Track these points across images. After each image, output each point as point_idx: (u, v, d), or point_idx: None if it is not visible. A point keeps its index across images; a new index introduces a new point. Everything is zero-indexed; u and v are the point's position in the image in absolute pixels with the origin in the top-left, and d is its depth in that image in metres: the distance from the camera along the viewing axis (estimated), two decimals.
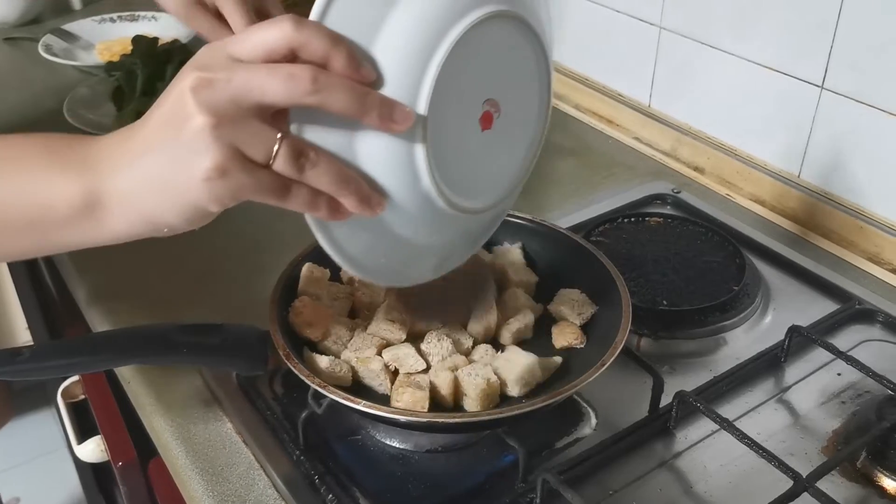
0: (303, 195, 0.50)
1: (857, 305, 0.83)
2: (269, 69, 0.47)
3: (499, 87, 0.56)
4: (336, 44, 0.48)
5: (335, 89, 0.48)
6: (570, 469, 0.64)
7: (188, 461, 0.68)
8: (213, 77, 0.47)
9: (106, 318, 0.84)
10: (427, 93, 0.50)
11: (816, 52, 0.93)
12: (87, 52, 1.43)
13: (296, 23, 0.47)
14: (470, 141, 0.55)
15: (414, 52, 0.50)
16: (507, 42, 0.55)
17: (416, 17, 0.50)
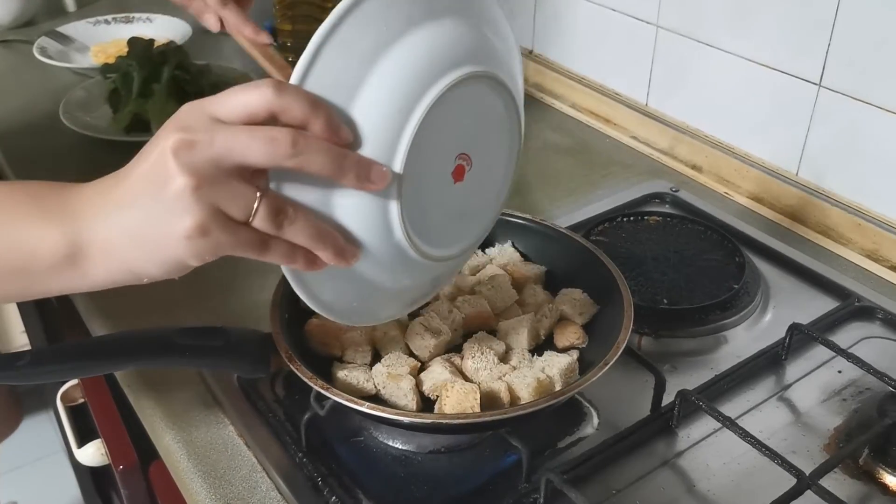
0: (281, 249, 0.52)
1: (856, 303, 0.83)
2: (250, 132, 0.48)
3: (471, 141, 0.58)
4: (315, 108, 0.49)
5: (314, 152, 0.49)
6: (573, 469, 0.64)
7: (190, 465, 0.68)
8: (194, 139, 0.48)
9: (105, 321, 0.84)
10: (403, 152, 0.52)
11: (814, 49, 0.93)
12: (83, 55, 1.43)
13: (276, 87, 0.49)
14: (442, 193, 0.57)
15: (391, 114, 0.51)
16: (480, 98, 0.57)
17: (393, 80, 0.51)
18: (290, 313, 0.69)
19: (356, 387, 0.64)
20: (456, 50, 0.54)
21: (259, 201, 0.50)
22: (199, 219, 0.48)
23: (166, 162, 0.48)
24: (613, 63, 1.22)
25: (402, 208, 0.53)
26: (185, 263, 0.51)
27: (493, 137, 0.60)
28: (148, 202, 0.49)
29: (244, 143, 0.48)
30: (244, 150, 0.48)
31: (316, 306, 0.58)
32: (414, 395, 0.64)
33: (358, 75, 0.51)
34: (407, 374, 0.65)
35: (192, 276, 0.88)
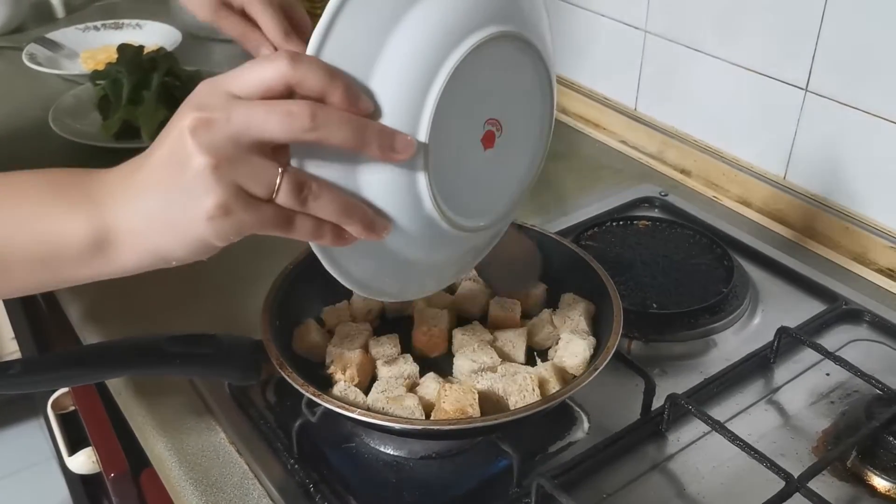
0: (307, 225, 0.51)
1: (844, 306, 0.84)
2: (268, 107, 0.47)
3: (500, 106, 0.56)
4: (333, 79, 0.48)
5: (334, 124, 0.48)
6: (563, 473, 0.65)
7: (182, 472, 0.68)
8: (211, 117, 0.47)
9: (95, 327, 0.84)
10: (427, 120, 0.50)
11: (800, 55, 0.94)
12: (72, 61, 1.43)
13: (292, 59, 0.48)
14: (472, 161, 0.56)
15: (412, 81, 0.50)
16: (507, 60, 0.55)
17: (412, 45, 0.49)
18: (280, 320, 0.69)
19: (352, 400, 0.64)
20: (477, 10, 0.51)
21: (281, 177, 0.48)
22: (221, 198, 0.47)
23: (184, 142, 0.47)
24: (603, 68, 1.22)
25: (431, 177, 0.51)
26: (210, 244, 0.50)
27: (524, 101, 0.58)
28: (169, 185, 0.48)
29: (261, 119, 0.47)
30: (262, 126, 0.47)
31: (349, 283, 0.57)
32: (421, 410, 0.63)
33: (376, 43, 0.49)
34: (406, 393, 0.65)
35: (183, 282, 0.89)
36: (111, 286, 0.88)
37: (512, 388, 0.64)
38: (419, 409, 0.63)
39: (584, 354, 0.67)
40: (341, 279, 0.56)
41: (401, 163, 0.50)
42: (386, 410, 0.63)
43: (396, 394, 0.64)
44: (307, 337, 0.70)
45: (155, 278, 0.88)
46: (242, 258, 0.92)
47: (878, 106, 0.88)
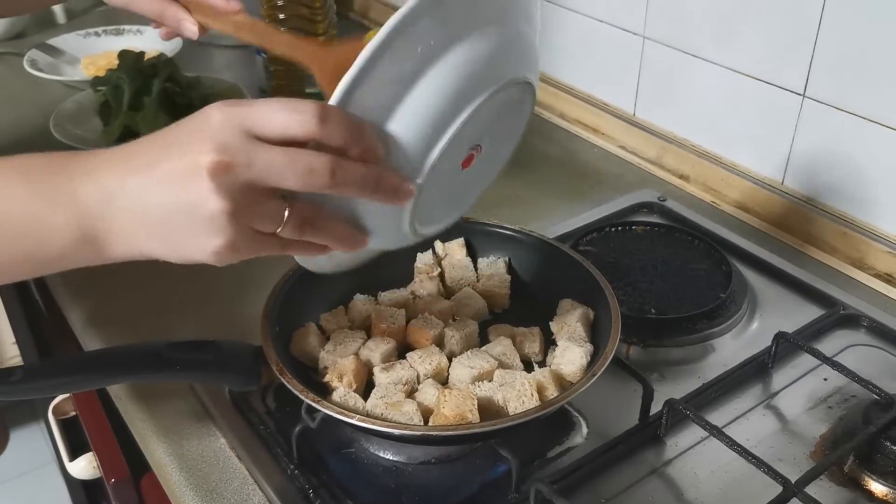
0: (300, 248, 0.54)
1: (841, 311, 0.84)
2: (290, 160, 0.48)
3: (486, 132, 0.58)
4: (356, 137, 0.49)
5: (350, 181, 0.50)
6: (562, 478, 0.65)
7: (182, 478, 0.68)
8: (232, 162, 0.47)
9: (97, 333, 0.84)
10: (430, 166, 0.53)
11: (798, 60, 0.94)
12: (73, 67, 1.43)
13: (321, 116, 0.48)
14: (450, 181, 0.59)
15: (424, 132, 0.52)
16: (508, 98, 0.57)
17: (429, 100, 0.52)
18: (280, 326, 0.69)
19: (351, 406, 0.64)
20: (491, 63, 0.54)
21: (288, 215, 0.50)
22: (231, 238, 0.49)
23: (200, 181, 0.47)
24: (601, 73, 1.23)
25: (415, 207, 0.56)
26: (205, 263, 0.52)
27: (506, 123, 0.61)
28: (174, 211, 0.49)
29: (281, 170, 0.48)
30: (280, 177, 0.48)
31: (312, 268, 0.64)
32: (419, 415, 0.64)
33: (398, 94, 0.51)
34: (405, 399, 0.65)
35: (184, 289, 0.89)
36: (113, 293, 0.89)
37: (510, 393, 0.64)
38: (418, 414, 0.64)
39: (581, 362, 0.67)
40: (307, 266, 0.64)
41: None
42: (385, 416, 0.63)
43: (395, 399, 0.65)
44: (305, 340, 0.71)
45: (156, 285, 0.90)
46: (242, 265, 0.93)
47: (875, 111, 0.89)
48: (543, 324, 0.75)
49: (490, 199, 1.06)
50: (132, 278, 0.90)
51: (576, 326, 0.71)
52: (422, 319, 0.73)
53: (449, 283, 0.80)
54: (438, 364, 0.69)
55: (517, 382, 0.65)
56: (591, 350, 0.69)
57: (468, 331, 0.73)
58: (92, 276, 0.90)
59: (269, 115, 0.49)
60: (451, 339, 0.72)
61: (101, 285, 0.90)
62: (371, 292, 0.78)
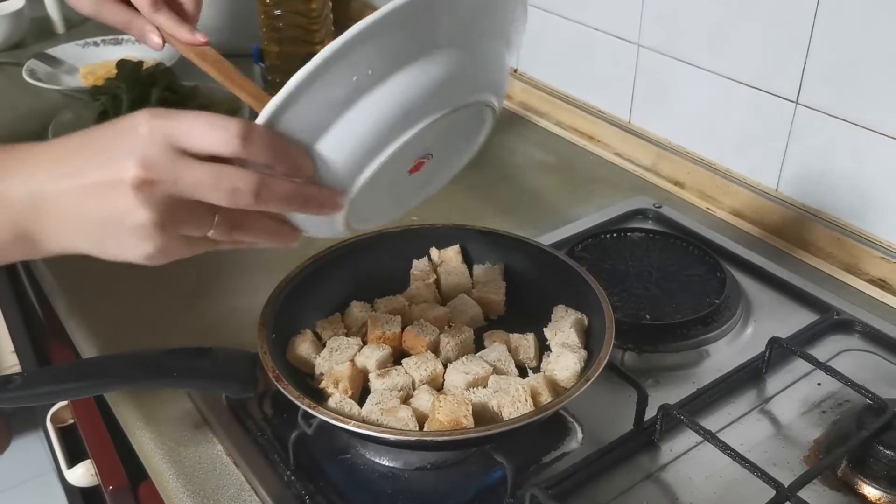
0: (230, 244, 0.55)
1: (835, 316, 0.84)
2: (215, 179, 0.49)
3: (438, 144, 0.58)
4: (279, 157, 0.50)
5: (275, 199, 0.51)
6: (557, 484, 0.65)
7: (179, 484, 0.69)
8: (155, 179, 0.48)
9: (94, 341, 0.84)
10: (363, 182, 0.53)
11: (790, 68, 0.95)
12: (72, 77, 1.44)
13: (244, 136, 0.49)
14: (394, 184, 0.59)
15: (358, 153, 0.52)
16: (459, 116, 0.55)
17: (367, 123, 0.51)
18: (276, 333, 0.70)
19: (347, 412, 0.65)
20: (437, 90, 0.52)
21: (216, 220, 0.51)
22: (160, 245, 0.50)
23: (125, 194, 0.48)
24: (596, 81, 1.24)
25: (349, 213, 0.56)
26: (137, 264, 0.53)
27: (463, 133, 0.60)
28: (104, 220, 0.50)
29: (207, 188, 0.49)
30: (206, 194, 0.49)
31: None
32: (415, 421, 0.64)
33: (329, 118, 0.51)
34: (401, 405, 0.66)
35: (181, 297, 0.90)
36: (110, 302, 0.90)
37: (505, 399, 0.65)
38: (413, 420, 0.64)
39: (575, 368, 0.68)
40: None
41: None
42: (381, 422, 0.64)
43: (391, 405, 0.65)
44: (301, 347, 0.71)
45: (153, 293, 0.90)
46: (238, 272, 0.93)
47: (868, 118, 0.89)
48: (538, 330, 0.75)
49: (485, 206, 1.08)
50: (130, 287, 0.91)
51: (569, 332, 0.72)
52: (417, 326, 0.74)
53: (444, 289, 0.80)
54: (434, 370, 0.70)
55: (512, 388, 0.65)
56: (584, 356, 0.69)
57: (463, 337, 0.73)
58: (90, 286, 0.92)
59: (195, 130, 0.49)
60: (447, 346, 0.72)
61: (100, 294, 0.91)
62: (367, 299, 0.78)
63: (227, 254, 0.92)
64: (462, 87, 0.54)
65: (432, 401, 0.65)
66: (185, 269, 0.92)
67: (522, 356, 0.73)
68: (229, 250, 0.56)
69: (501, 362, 0.71)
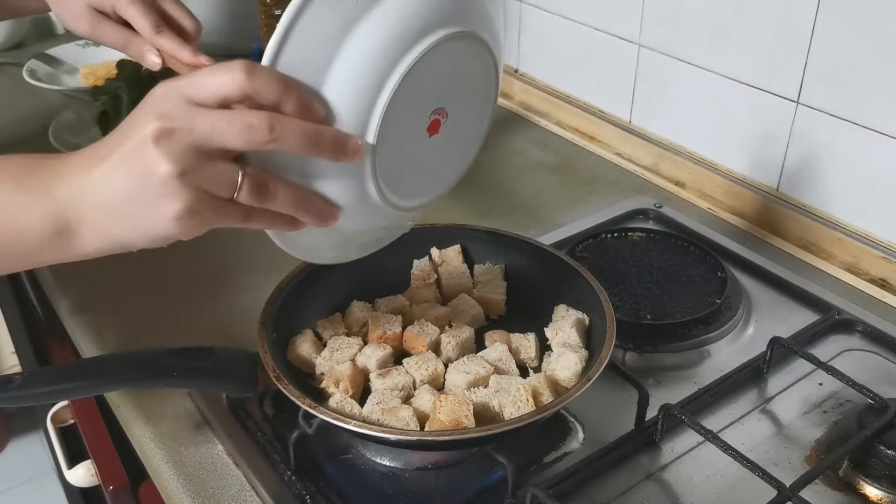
0: (265, 218, 0.55)
1: (836, 316, 0.84)
2: (228, 119, 0.50)
3: (448, 96, 0.58)
4: (287, 90, 0.51)
5: (290, 135, 0.51)
6: (558, 483, 0.65)
7: (179, 484, 0.69)
8: (173, 126, 0.49)
9: (95, 341, 0.84)
10: (377, 123, 0.53)
11: (791, 68, 0.95)
12: (72, 77, 1.43)
13: (248, 71, 0.50)
14: (416, 148, 0.58)
15: (363, 87, 0.52)
16: (456, 55, 0.57)
17: (363, 53, 0.52)
18: (277, 333, 0.69)
19: (347, 412, 0.65)
20: (428, 12, 0.53)
21: (242, 178, 0.51)
22: (188, 202, 0.50)
23: (147, 150, 0.49)
24: (597, 81, 1.24)
25: (377, 170, 0.55)
26: (173, 238, 0.53)
27: (470, 88, 0.61)
28: (131, 186, 0.50)
29: (222, 130, 0.50)
30: (223, 137, 0.50)
31: (295, 253, 0.61)
32: (416, 421, 0.64)
33: (328, 51, 0.52)
34: (402, 405, 0.65)
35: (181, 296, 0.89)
36: (111, 301, 0.89)
37: (506, 399, 0.65)
38: (414, 420, 0.64)
39: (576, 368, 0.68)
40: (288, 250, 0.60)
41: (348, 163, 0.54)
42: (381, 422, 0.64)
43: (391, 405, 0.65)
44: (302, 347, 0.71)
45: (154, 293, 0.90)
46: (239, 271, 0.93)
47: (868, 118, 0.89)
48: (539, 329, 0.75)
49: (486, 205, 1.08)
50: (131, 287, 0.91)
51: (570, 332, 0.71)
52: (418, 326, 0.74)
53: (445, 289, 0.80)
54: (434, 370, 0.69)
55: (512, 388, 0.65)
56: (585, 356, 0.69)
57: (464, 337, 0.73)
58: (90, 285, 0.91)
59: (204, 80, 0.51)
60: (448, 346, 0.72)
61: (100, 294, 0.91)
62: (368, 299, 0.78)
63: (227, 253, 0.93)
64: (453, 14, 0.55)
65: (433, 401, 0.65)
66: (185, 268, 0.93)
67: (523, 356, 0.73)
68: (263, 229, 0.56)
69: (502, 362, 0.71)
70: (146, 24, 0.82)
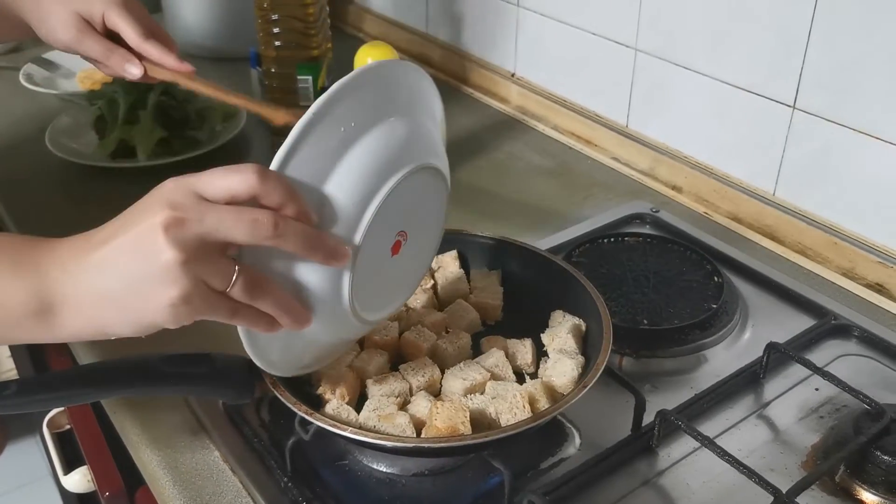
0: (249, 315, 0.57)
1: (832, 321, 0.84)
2: (237, 215, 0.53)
3: (409, 219, 0.64)
4: (291, 196, 0.54)
5: (291, 235, 0.54)
6: (555, 490, 0.65)
7: (176, 491, 0.68)
8: (184, 217, 0.52)
9: (91, 347, 0.84)
10: (362, 233, 0.58)
11: (788, 72, 0.95)
12: (69, 81, 1.43)
13: (260, 176, 0.53)
14: (381, 265, 0.63)
15: (354, 201, 0.58)
16: (420, 183, 0.63)
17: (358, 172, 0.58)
18: None
19: (344, 419, 0.65)
20: (405, 147, 0.61)
21: (237, 274, 0.54)
22: (186, 289, 0.52)
23: (155, 236, 0.51)
24: (594, 85, 1.24)
25: (353, 280, 0.59)
26: (160, 327, 0.55)
27: (426, 212, 0.67)
28: (132, 271, 0.52)
29: (230, 224, 0.52)
30: (230, 230, 0.52)
31: (263, 364, 0.62)
32: (412, 427, 0.64)
33: (326, 167, 0.57)
34: (398, 411, 0.65)
35: None
36: None
37: (502, 405, 0.65)
38: (410, 426, 0.64)
39: (572, 374, 0.68)
40: (257, 360, 0.62)
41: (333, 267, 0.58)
42: (378, 428, 0.64)
43: (388, 412, 0.65)
44: None
45: None
46: None
47: (865, 123, 0.90)
48: (535, 335, 0.75)
49: (483, 210, 1.08)
50: None
51: (567, 338, 0.71)
52: (415, 332, 0.73)
53: (442, 294, 0.80)
54: (431, 376, 0.69)
55: (509, 394, 0.65)
56: (582, 362, 0.69)
57: (461, 343, 0.73)
58: None
59: (215, 179, 0.54)
60: (444, 352, 0.72)
61: None
62: None
63: None
64: (420, 149, 0.62)
65: (430, 407, 0.65)
66: None
67: (520, 362, 0.73)
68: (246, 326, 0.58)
69: (499, 368, 0.71)
70: (135, 32, 0.85)
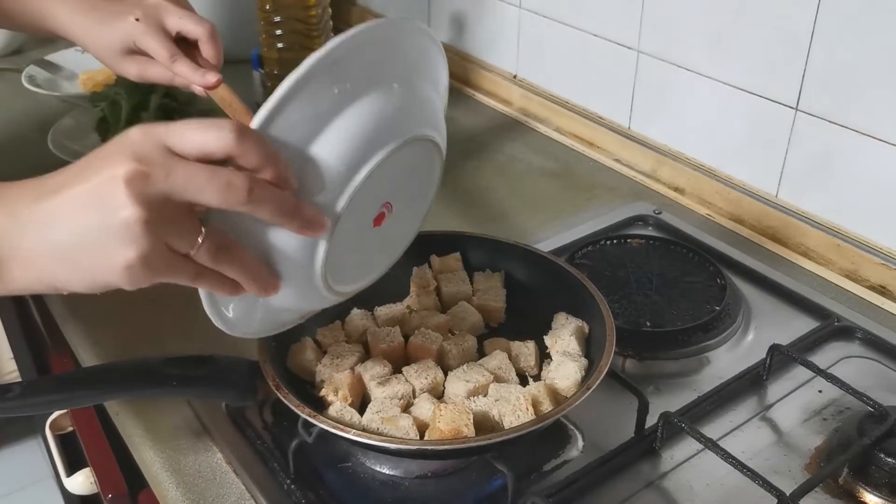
0: (212, 279, 0.53)
1: (836, 323, 0.84)
2: (209, 175, 0.48)
3: (396, 190, 0.61)
4: (269, 159, 0.50)
5: (265, 201, 0.50)
6: (558, 492, 0.65)
7: (179, 493, 0.68)
8: (150, 172, 0.47)
9: (94, 350, 0.84)
10: (343, 205, 0.54)
11: (790, 74, 0.95)
12: (71, 83, 1.43)
13: (238, 133, 0.49)
14: (361, 238, 0.60)
15: (338, 171, 0.54)
16: (413, 154, 0.59)
17: (344, 141, 0.54)
18: (276, 341, 0.69)
19: (347, 421, 0.65)
20: (401, 116, 0.57)
21: (203, 237, 0.50)
22: (145, 250, 0.48)
23: (116, 189, 0.47)
24: (596, 87, 1.24)
25: (327, 253, 0.56)
26: (113, 287, 0.50)
27: (416, 184, 0.64)
28: (87, 226, 0.48)
29: (200, 185, 0.48)
30: (199, 191, 0.48)
31: (220, 324, 0.60)
32: (415, 430, 0.64)
33: (314, 130, 0.53)
34: (401, 413, 0.65)
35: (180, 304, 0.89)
36: (110, 309, 0.89)
37: (506, 408, 0.65)
38: (414, 429, 0.64)
39: (575, 377, 0.68)
40: (215, 319, 0.59)
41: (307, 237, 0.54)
42: (381, 431, 0.63)
43: (391, 414, 0.65)
44: (301, 355, 0.71)
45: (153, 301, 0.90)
46: None
47: (867, 124, 0.89)
48: (538, 337, 0.75)
49: (485, 212, 1.07)
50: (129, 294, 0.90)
51: (570, 340, 0.71)
52: (420, 336, 0.73)
53: (445, 297, 0.80)
54: (434, 378, 0.69)
55: (512, 397, 0.65)
56: (585, 364, 0.69)
57: (467, 346, 0.73)
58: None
59: (188, 131, 0.49)
60: (450, 354, 0.72)
61: (99, 302, 0.90)
62: (368, 307, 0.78)
63: None
64: (417, 120, 0.59)
65: (433, 409, 0.64)
66: None
67: (523, 364, 0.73)
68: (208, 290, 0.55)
69: (502, 370, 0.71)
70: (164, 56, 0.82)
